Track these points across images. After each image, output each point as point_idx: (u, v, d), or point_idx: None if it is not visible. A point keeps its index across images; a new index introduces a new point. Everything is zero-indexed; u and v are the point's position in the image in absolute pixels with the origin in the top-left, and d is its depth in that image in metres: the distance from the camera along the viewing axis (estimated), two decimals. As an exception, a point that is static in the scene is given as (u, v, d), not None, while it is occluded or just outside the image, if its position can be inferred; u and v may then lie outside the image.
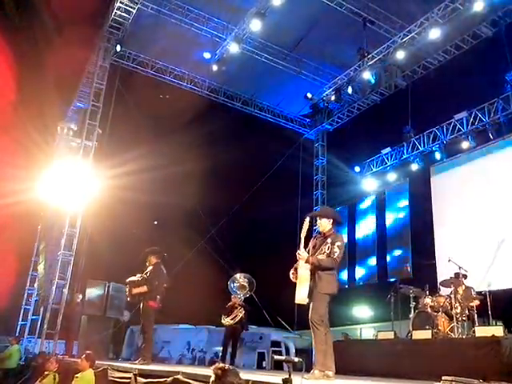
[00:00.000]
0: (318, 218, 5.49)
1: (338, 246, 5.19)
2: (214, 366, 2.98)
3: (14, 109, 12.42)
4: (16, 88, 12.36)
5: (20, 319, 14.66)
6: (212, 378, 2.91)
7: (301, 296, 5.11)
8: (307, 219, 5.32)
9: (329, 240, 5.25)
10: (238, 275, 9.57)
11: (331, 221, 5.43)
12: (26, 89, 12.58)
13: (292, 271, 5.32)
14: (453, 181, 12.52)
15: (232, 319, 8.89)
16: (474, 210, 11.54)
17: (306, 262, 5.15)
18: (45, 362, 8.49)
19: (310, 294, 5.13)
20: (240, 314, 8.91)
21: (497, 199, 11.08)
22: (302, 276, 5.15)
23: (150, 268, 7.63)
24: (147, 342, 7.55)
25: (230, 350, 9.16)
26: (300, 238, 5.26)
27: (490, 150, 11.71)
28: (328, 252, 5.18)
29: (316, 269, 5.15)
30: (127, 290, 7.64)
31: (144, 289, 7.39)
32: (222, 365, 2.98)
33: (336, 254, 5.15)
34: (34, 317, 13.89)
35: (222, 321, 9.04)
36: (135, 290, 7.45)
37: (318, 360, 5.02)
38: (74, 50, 12.22)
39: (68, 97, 14.57)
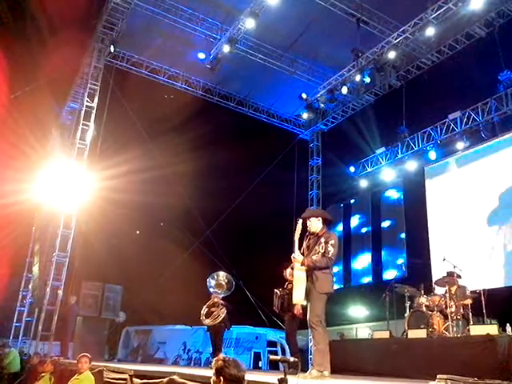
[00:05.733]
0: (307, 220, 5.48)
1: (331, 245, 5.22)
2: (215, 359, 2.95)
3: (7, 110, 12.37)
4: (10, 89, 12.31)
5: (14, 321, 14.59)
6: (213, 371, 2.88)
7: (298, 297, 5.17)
8: (300, 221, 5.36)
9: (322, 239, 5.28)
10: (216, 274, 9.48)
11: (320, 219, 5.45)
12: (20, 90, 12.53)
13: (289, 270, 5.37)
14: (447, 180, 12.57)
15: (214, 319, 8.79)
16: (469, 209, 11.60)
17: (302, 264, 5.18)
18: (39, 364, 8.46)
19: (307, 295, 5.16)
20: (222, 313, 8.82)
21: (491, 198, 11.14)
22: (297, 278, 5.20)
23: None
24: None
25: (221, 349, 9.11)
26: (294, 240, 5.30)
27: (483, 149, 11.77)
28: (322, 251, 5.21)
29: (311, 269, 5.18)
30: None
31: None
32: (222, 356, 2.94)
33: (331, 253, 5.19)
34: (28, 318, 13.82)
35: (203, 321, 8.91)
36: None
37: (316, 360, 5.05)
38: (68, 51, 12.18)
39: (62, 98, 14.52)
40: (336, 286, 14.71)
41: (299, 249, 5.33)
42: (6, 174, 12.39)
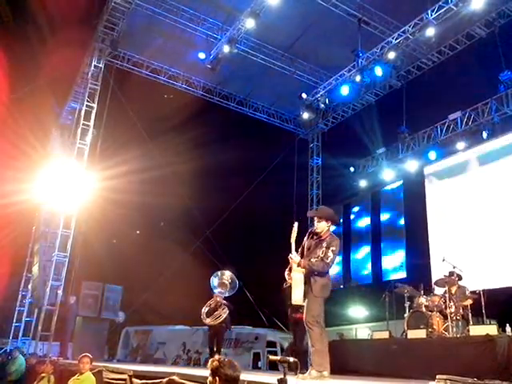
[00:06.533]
0: (316, 219, 5.46)
1: (332, 251, 5.19)
2: (210, 360, 2.95)
3: (7, 110, 12.38)
4: (10, 89, 12.32)
5: (14, 321, 14.58)
6: (209, 372, 2.88)
7: (296, 297, 5.14)
8: (296, 224, 5.31)
9: (324, 244, 5.24)
10: (221, 272, 9.47)
11: (330, 222, 5.41)
12: (20, 90, 12.54)
13: (287, 272, 5.35)
14: (447, 180, 12.57)
15: (216, 319, 8.74)
16: (469, 209, 11.59)
17: (298, 265, 5.17)
18: (37, 364, 8.44)
19: (305, 296, 5.15)
20: (224, 313, 8.79)
21: (491, 199, 11.13)
22: (295, 279, 5.18)
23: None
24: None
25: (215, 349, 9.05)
26: (290, 243, 5.28)
27: (483, 149, 11.76)
28: (322, 256, 5.17)
29: (309, 272, 5.17)
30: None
31: None
32: (217, 357, 2.94)
33: (329, 259, 5.16)
34: (28, 318, 13.81)
35: (205, 321, 8.84)
36: None
37: (315, 360, 5.05)
38: (69, 51, 12.18)
39: (62, 97, 14.52)
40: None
41: (296, 249, 5.33)
42: (7, 174, 12.39)
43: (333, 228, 5.50)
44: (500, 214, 10.81)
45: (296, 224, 5.32)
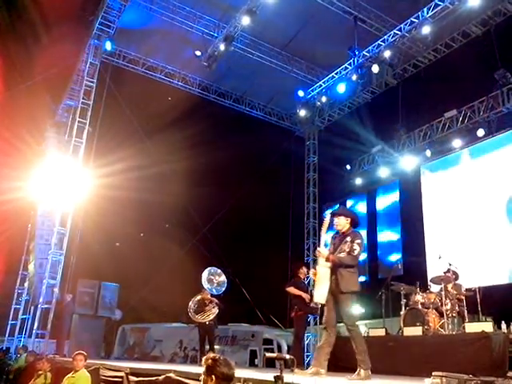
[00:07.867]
0: (335, 217, 5.41)
1: (357, 244, 5.15)
2: (204, 357, 2.92)
3: (3, 107, 12.32)
4: (5, 86, 12.26)
5: (10, 318, 14.55)
6: (203, 370, 2.85)
7: (320, 295, 5.05)
8: (328, 216, 5.34)
9: (348, 238, 5.21)
10: (219, 272, 9.46)
11: (349, 220, 5.38)
12: (15, 87, 12.48)
13: (313, 271, 5.26)
14: (443, 178, 12.61)
15: (206, 317, 8.73)
16: (464, 207, 11.64)
17: (326, 260, 5.09)
18: (34, 362, 8.42)
19: (330, 294, 5.07)
20: (215, 312, 8.78)
21: (486, 197, 11.18)
22: (321, 275, 5.08)
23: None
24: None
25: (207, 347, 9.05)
26: (321, 234, 5.28)
27: (479, 147, 11.81)
28: (348, 250, 5.14)
29: (336, 267, 5.09)
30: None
31: None
32: (212, 355, 2.92)
33: (356, 252, 5.12)
34: (24, 316, 13.78)
35: (193, 317, 8.80)
36: None
37: (363, 360, 5.05)
38: (64, 48, 12.12)
39: (58, 95, 14.45)
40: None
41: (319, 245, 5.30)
42: (2, 172, 12.34)
43: (360, 233, 5.49)
44: (496, 213, 10.86)
45: (329, 216, 5.32)
